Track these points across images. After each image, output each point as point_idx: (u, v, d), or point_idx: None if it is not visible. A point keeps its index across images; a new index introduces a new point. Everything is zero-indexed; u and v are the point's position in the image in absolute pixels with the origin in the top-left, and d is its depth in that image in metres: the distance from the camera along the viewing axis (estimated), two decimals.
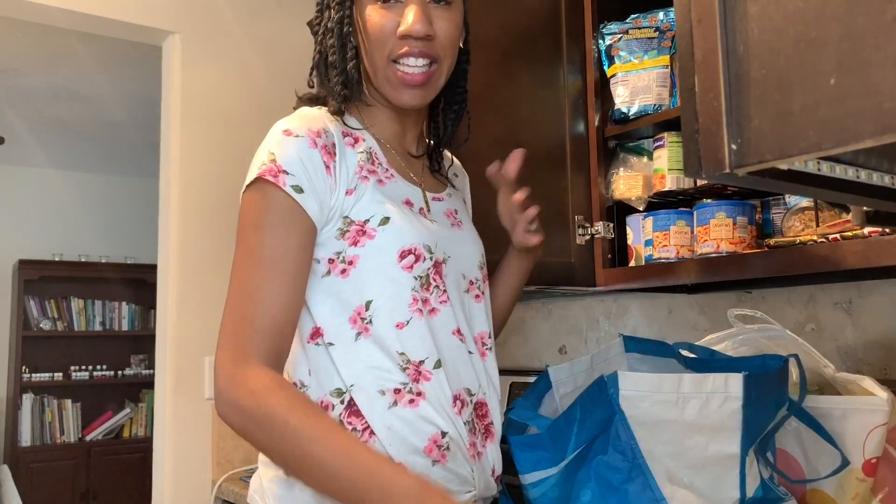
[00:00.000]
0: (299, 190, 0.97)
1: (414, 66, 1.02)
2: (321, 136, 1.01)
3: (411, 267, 1.01)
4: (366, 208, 1.01)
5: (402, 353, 1.00)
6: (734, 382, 0.93)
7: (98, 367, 5.09)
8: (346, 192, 1.01)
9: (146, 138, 4.50)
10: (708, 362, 1.10)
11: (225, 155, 2.35)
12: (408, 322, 1.00)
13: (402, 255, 1.01)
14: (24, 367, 4.80)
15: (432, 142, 1.21)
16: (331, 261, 1.01)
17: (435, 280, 1.04)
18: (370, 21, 1.03)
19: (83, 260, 5.12)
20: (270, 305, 0.94)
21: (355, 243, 1.00)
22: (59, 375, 4.92)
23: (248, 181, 1.00)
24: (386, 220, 1.01)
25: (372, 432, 0.98)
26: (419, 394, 0.99)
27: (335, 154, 1.01)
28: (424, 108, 1.15)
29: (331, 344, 1.00)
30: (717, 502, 0.96)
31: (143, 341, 5.17)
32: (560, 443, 0.99)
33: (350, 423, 0.98)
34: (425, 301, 1.02)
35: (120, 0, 2.24)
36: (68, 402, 4.96)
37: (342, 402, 0.99)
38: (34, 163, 5.08)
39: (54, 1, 2.15)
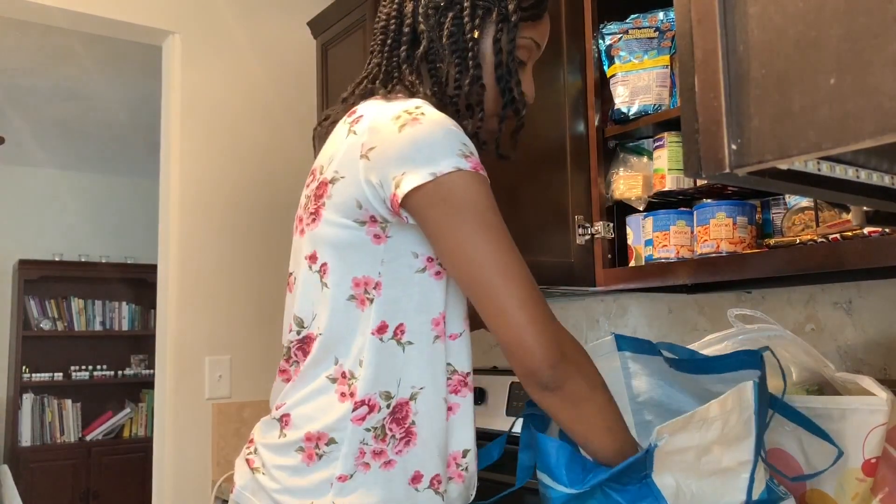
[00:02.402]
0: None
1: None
2: None
3: None
4: None
5: (450, 364, 1.01)
6: (746, 392, 0.93)
7: (98, 367, 5.09)
8: None
9: (146, 138, 4.50)
10: (689, 363, 1.10)
11: (225, 155, 2.36)
12: (461, 334, 1.02)
13: None
14: (24, 367, 4.80)
15: None
16: (430, 259, 0.99)
17: None
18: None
19: (83, 260, 5.12)
20: (533, 281, 0.95)
21: None
22: (59, 375, 4.92)
23: (455, 168, 0.92)
24: None
25: (407, 442, 0.97)
26: (450, 409, 1.01)
27: None
28: None
29: (410, 343, 0.98)
30: None
31: (143, 341, 5.17)
32: (575, 474, 0.98)
33: (390, 430, 0.97)
34: (466, 316, 1.05)
35: (120, 0, 2.24)
36: (68, 402, 4.96)
37: (388, 406, 0.97)
38: (34, 163, 5.08)
39: (54, 1, 2.15)
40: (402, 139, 0.93)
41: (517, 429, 1.13)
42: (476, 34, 1.02)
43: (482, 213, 0.93)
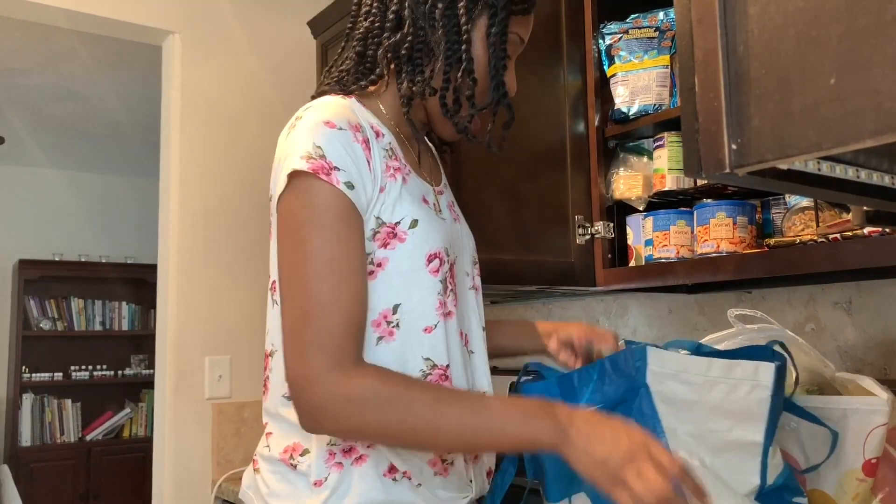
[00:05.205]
0: (351, 186, 0.94)
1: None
2: (360, 131, 0.97)
3: (437, 271, 1.00)
4: (396, 209, 0.98)
5: (428, 359, 0.98)
6: (765, 372, 0.93)
7: (98, 367, 5.08)
8: (379, 190, 0.98)
9: (146, 138, 4.50)
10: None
11: (225, 155, 2.35)
12: (435, 326, 0.99)
13: (430, 259, 1.00)
14: (24, 367, 4.79)
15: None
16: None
17: (450, 283, 1.03)
18: (484, 66, 1.03)
19: (83, 260, 5.12)
20: (350, 305, 0.92)
21: (385, 245, 0.98)
22: (59, 375, 4.92)
23: (291, 169, 0.94)
24: (415, 223, 0.99)
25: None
26: None
27: (371, 149, 0.98)
28: None
29: None
30: (737, 487, 0.96)
31: (143, 341, 5.16)
32: (570, 395, 0.98)
33: None
34: (445, 304, 1.01)
35: (120, 0, 2.24)
36: (68, 402, 4.96)
37: None
38: (34, 163, 5.08)
39: (54, 1, 2.15)
40: (283, 147, 0.98)
41: None
42: (469, 26, 1.01)
43: (296, 223, 0.93)
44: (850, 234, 1.13)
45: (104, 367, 5.10)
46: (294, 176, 0.94)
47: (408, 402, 0.89)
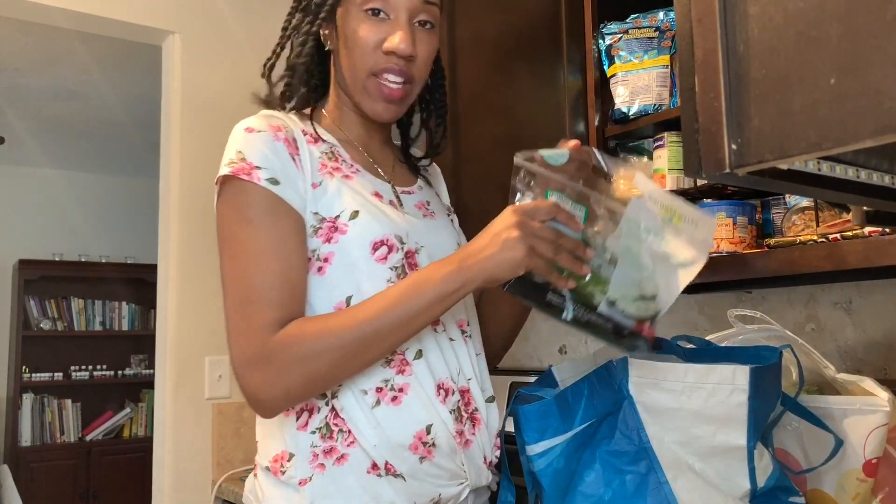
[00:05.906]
0: (275, 182, 0.99)
1: (393, 81, 1.07)
2: (282, 130, 1.03)
3: (385, 258, 1.02)
4: (334, 203, 1.02)
5: None
6: (741, 375, 0.93)
7: (98, 367, 5.09)
8: (312, 185, 1.02)
9: (146, 138, 4.50)
10: (704, 352, 1.10)
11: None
12: None
13: (375, 247, 1.02)
14: (24, 367, 4.80)
15: (402, 143, 1.26)
16: (307, 260, 1.02)
17: (410, 270, 1.05)
18: (357, 33, 1.06)
19: (83, 260, 5.12)
20: (281, 293, 0.96)
21: (328, 240, 1.01)
22: (59, 375, 4.92)
23: (217, 176, 1.02)
24: (355, 214, 1.02)
25: (357, 433, 0.98)
26: (401, 390, 1.00)
27: (297, 147, 1.03)
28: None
29: None
30: (729, 491, 0.96)
31: (143, 341, 5.16)
32: (567, 413, 0.99)
33: (336, 426, 0.99)
34: None
35: (120, 0, 2.24)
36: (68, 402, 4.96)
37: (326, 404, 1.00)
38: (34, 163, 5.08)
39: (54, 1, 2.15)
40: None
41: (509, 427, 1.12)
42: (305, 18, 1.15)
43: (225, 224, 1.00)
44: (850, 234, 1.13)
45: (104, 367, 5.11)
46: (221, 183, 1.01)
47: (336, 324, 0.94)
